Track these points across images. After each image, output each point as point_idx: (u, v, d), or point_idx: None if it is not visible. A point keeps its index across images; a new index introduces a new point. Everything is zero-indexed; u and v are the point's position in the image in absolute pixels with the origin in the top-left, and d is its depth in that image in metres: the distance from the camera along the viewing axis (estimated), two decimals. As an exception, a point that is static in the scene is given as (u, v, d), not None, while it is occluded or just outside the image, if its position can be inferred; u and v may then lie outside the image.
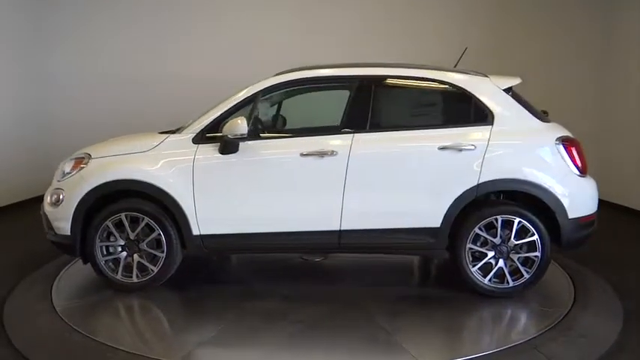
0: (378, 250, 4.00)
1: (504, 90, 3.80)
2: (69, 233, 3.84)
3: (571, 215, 3.64)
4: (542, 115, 3.90)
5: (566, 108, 6.84)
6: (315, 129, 4.29)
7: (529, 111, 3.79)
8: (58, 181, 4.02)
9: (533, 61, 7.26)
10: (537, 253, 3.65)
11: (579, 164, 3.69)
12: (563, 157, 3.66)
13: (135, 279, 3.84)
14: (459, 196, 3.64)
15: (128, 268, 3.85)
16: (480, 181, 3.62)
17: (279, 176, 3.79)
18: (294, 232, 3.78)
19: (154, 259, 3.84)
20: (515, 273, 3.70)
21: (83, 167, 3.91)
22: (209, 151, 3.76)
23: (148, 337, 3.29)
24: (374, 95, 3.85)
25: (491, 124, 3.70)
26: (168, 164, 3.80)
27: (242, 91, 3.90)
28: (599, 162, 6.50)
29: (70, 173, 3.95)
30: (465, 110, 3.81)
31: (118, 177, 3.81)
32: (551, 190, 3.62)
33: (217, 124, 3.78)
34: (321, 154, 3.70)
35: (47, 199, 4.02)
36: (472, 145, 3.64)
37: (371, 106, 3.82)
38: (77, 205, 3.81)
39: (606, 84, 7.19)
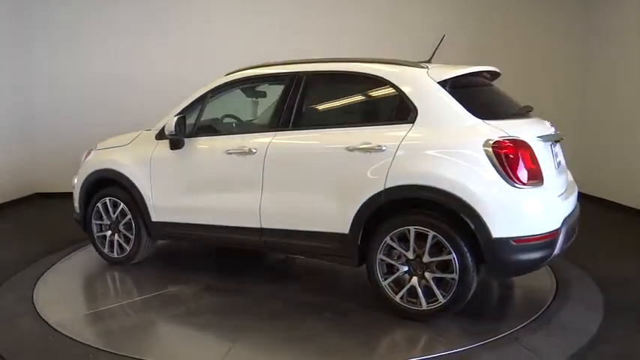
0: (296, 252, 3.86)
1: (442, 82, 3.31)
2: (78, 211, 4.61)
3: (497, 234, 2.98)
4: (507, 113, 3.44)
5: (547, 102, 6.95)
6: (251, 127, 4.38)
7: (468, 107, 3.23)
8: (80, 167, 4.67)
9: (515, 54, 7.34)
10: (454, 275, 3.11)
11: (516, 173, 3.01)
12: (491, 164, 3.03)
13: (115, 255, 4.45)
14: (365, 202, 3.28)
15: (112, 245, 4.46)
16: (385, 187, 3.22)
17: (209, 172, 3.99)
18: (224, 226, 3.91)
19: (127, 240, 4.37)
20: (433, 294, 3.20)
21: (88, 157, 4.63)
22: (164, 146, 4.13)
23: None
24: (300, 93, 3.71)
25: (413, 122, 3.28)
26: (135, 157, 4.30)
27: (196, 92, 4.14)
28: (581, 156, 6.60)
29: (83, 161, 4.66)
30: (390, 106, 3.46)
31: (100, 167, 4.47)
32: (467, 201, 3.01)
33: None
34: (242, 152, 3.75)
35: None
36: (382, 146, 3.26)
37: (296, 103, 3.70)
38: (80, 189, 4.56)
39: (589, 78, 7.28)
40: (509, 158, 3.02)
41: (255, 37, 7.53)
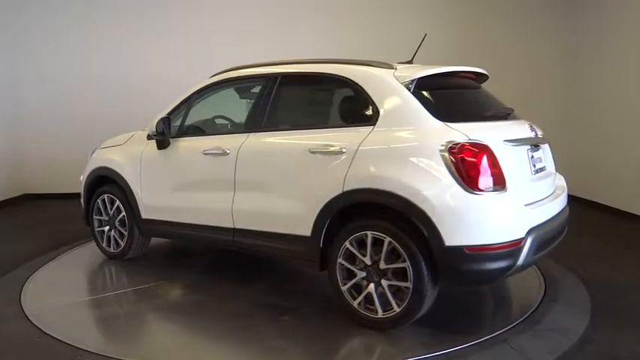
0: (266, 252, 3.86)
1: (407, 83, 3.21)
2: (83, 207, 4.83)
3: (450, 242, 2.84)
4: (476, 116, 3.31)
5: (535, 105, 7.03)
6: (229, 128, 4.42)
7: (433, 109, 3.12)
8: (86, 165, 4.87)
9: (503, 57, 7.41)
10: (408, 284, 3.00)
11: (472, 178, 2.87)
12: (447, 168, 2.89)
13: (112, 249, 4.66)
14: (325, 205, 3.24)
15: (110, 240, 4.68)
16: (344, 190, 3.16)
17: (189, 172, 4.08)
18: (203, 225, 3.98)
19: (122, 236, 4.56)
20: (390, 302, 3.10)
21: (92, 155, 4.85)
22: (153, 146, 4.24)
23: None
24: (273, 94, 3.73)
25: (374, 124, 3.19)
26: (127, 156, 4.47)
27: (184, 93, 4.24)
28: (569, 158, 6.66)
29: (89, 159, 4.87)
30: (355, 108, 3.42)
31: (99, 165, 4.68)
32: (420, 206, 2.89)
33: None
34: (217, 153, 3.80)
35: None
36: (342, 148, 3.21)
37: (268, 105, 3.72)
38: (84, 185, 4.79)
39: (577, 80, 7.35)
40: (465, 163, 2.88)
41: (249, 37, 7.55)
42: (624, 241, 5.48)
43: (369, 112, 3.25)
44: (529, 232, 2.96)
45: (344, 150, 3.21)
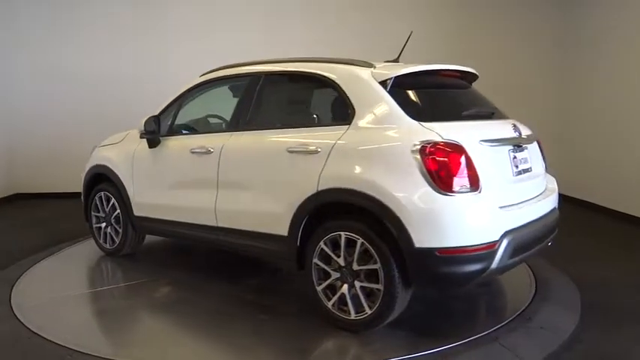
0: (247, 252, 3.86)
1: (383, 82, 3.16)
2: (83, 203, 4.90)
3: (419, 244, 2.78)
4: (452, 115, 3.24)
5: (528, 104, 7.07)
6: (215, 127, 4.42)
7: (410, 108, 3.07)
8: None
9: (494, 57, 7.41)
10: (379, 286, 2.95)
11: (443, 179, 2.80)
12: (418, 168, 2.83)
13: (107, 246, 4.73)
14: (300, 205, 3.22)
15: (106, 236, 4.76)
16: (318, 189, 3.13)
17: (177, 170, 4.13)
18: (190, 223, 4.02)
19: (117, 233, 4.64)
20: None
21: (92, 153, 4.90)
22: (146, 144, 4.27)
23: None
24: (256, 93, 3.73)
25: (350, 123, 3.16)
26: (121, 154, 4.54)
27: (177, 91, 4.28)
28: (561, 157, 6.70)
29: (90, 157, 4.91)
30: (333, 107, 3.41)
31: (97, 162, 4.76)
32: (390, 207, 2.84)
33: None
34: (202, 152, 3.83)
35: None
36: (317, 148, 3.19)
37: (251, 104, 3.73)
38: (84, 182, 4.87)
39: (569, 80, 7.39)
40: (437, 163, 2.81)
41: (247, 34, 7.57)
42: (616, 240, 5.52)
43: (346, 111, 3.21)
44: (504, 235, 2.88)
45: (319, 149, 3.18)
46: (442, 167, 2.81)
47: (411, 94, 3.24)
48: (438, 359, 2.86)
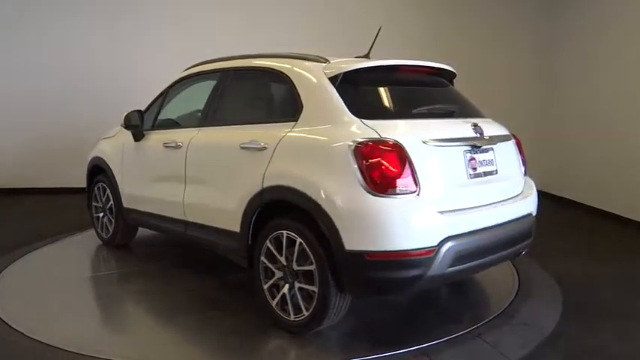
0: (210, 247, 3.80)
1: (333, 77, 3.06)
2: (87, 192, 5.08)
3: (350, 246, 2.66)
4: (393, 112, 3.14)
5: (509, 103, 7.11)
6: (188, 122, 4.35)
7: (355, 105, 2.95)
8: None
9: (480, 54, 7.46)
10: (314, 288, 2.86)
11: (375, 180, 2.67)
12: (352, 168, 2.70)
13: (104, 235, 4.91)
14: (249, 201, 3.18)
15: (103, 226, 4.93)
16: (263, 186, 3.09)
17: (153, 164, 4.23)
18: (163, 216, 4.11)
19: (111, 224, 4.80)
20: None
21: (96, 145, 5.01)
22: (132, 138, 4.38)
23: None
24: (221, 89, 3.77)
25: (297, 119, 3.10)
26: (114, 147, 4.68)
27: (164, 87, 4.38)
28: (541, 155, 6.76)
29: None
30: (285, 103, 3.32)
31: (95, 155, 4.93)
32: (323, 206, 2.74)
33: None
34: (173, 146, 3.91)
35: None
36: (265, 144, 3.15)
37: (216, 99, 3.78)
38: (87, 172, 5.04)
39: (549, 79, 7.46)
40: (369, 163, 2.68)
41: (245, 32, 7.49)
42: (598, 238, 5.58)
43: (295, 107, 3.14)
44: (445, 241, 2.71)
45: (266, 146, 3.15)
46: (375, 167, 2.68)
47: (362, 90, 3.14)
48: (420, 356, 2.86)
